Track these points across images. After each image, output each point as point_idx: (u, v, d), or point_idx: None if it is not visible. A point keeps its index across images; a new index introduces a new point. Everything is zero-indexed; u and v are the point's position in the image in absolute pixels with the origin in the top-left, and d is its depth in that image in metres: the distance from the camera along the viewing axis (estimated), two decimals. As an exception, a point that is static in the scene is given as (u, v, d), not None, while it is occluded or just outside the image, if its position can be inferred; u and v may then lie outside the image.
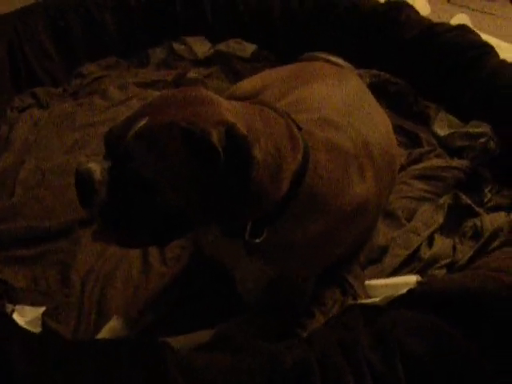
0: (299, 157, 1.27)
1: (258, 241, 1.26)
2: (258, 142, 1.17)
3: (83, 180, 1.13)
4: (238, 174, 1.12)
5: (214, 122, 1.12)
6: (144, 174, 1.10)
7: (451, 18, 2.95)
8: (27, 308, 1.46)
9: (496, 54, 2.20)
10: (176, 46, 2.68)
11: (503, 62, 2.17)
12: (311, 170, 1.29)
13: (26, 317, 1.42)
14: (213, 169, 1.11)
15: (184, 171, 1.11)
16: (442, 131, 2.12)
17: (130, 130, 1.12)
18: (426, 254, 1.61)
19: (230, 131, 1.12)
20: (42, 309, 1.47)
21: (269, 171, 1.20)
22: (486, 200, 1.83)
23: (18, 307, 1.45)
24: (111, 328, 1.38)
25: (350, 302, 1.45)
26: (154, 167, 1.10)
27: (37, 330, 1.40)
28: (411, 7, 2.52)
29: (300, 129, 1.33)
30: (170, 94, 1.22)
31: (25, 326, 1.33)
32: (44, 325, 1.43)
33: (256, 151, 1.13)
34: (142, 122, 1.12)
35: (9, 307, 1.43)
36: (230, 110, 1.19)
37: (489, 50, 2.22)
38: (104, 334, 1.37)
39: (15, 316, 1.40)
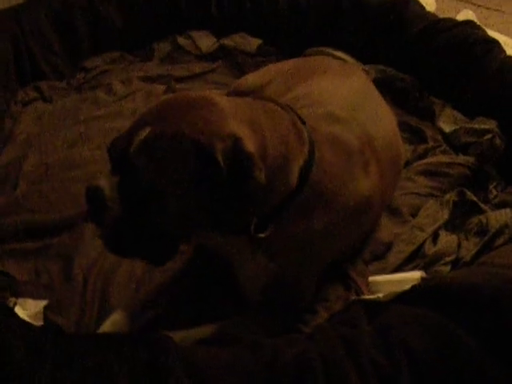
0: (305, 150, 1.26)
1: (262, 236, 1.26)
2: (265, 147, 1.17)
3: (94, 198, 1.13)
4: (239, 191, 1.12)
5: (222, 133, 1.11)
6: (151, 186, 1.10)
7: (457, 14, 2.93)
8: (29, 301, 1.46)
9: (502, 50, 2.19)
10: (181, 40, 2.66)
11: (510, 58, 2.16)
12: (316, 165, 1.29)
13: (28, 310, 1.42)
14: (215, 181, 1.10)
15: (189, 180, 1.11)
16: (447, 127, 2.10)
17: (133, 142, 1.12)
18: (430, 250, 1.60)
19: (237, 147, 1.11)
20: (44, 302, 1.46)
21: (277, 166, 1.20)
22: (491, 197, 1.82)
23: (20, 300, 1.45)
24: (113, 322, 1.37)
25: (354, 298, 1.44)
26: (160, 178, 1.10)
27: (39, 323, 1.39)
28: (417, 2, 2.51)
29: (304, 123, 1.33)
30: (169, 99, 1.21)
31: (27, 319, 1.33)
32: (46, 318, 1.43)
33: (257, 173, 1.12)
34: (145, 133, 1.11)
35: (11, 300, 1.43)
36: (234, 112, 1.18)
37: (495, 45, 2.20)
38: (105, 327, 1.36)
39: (17, 309, 1.40)
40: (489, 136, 1.96)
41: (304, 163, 1.26)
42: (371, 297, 1.34)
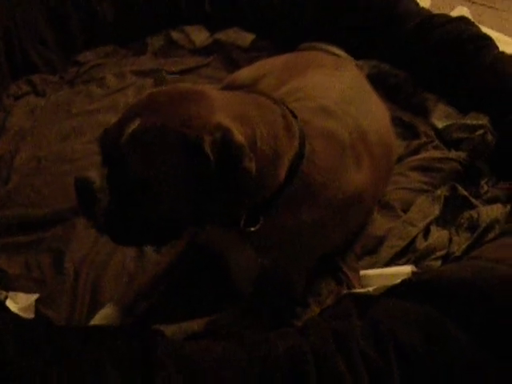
0: (296, 144, 1.27)
1: (253, 229, 1.26)
2: (255, 141, 1.17)
3: (83, 190, 1.13)
4: (229, 182, 1.12)
5: (210, 126, 1.11)
6: (140, 178, 1.10)
7: (452, 10, 2.93)
8: (20, 295, 1.45)
9: (495, 46, 2.20)
10: (174, 34, 2.65)
11: (502, 54, 2.17)
12: (307, 158, 1.29)
13: (19, 303, 1.42)
14: (205, 174, 1.10)
15: (178, 173, 1.11)
16: (440, 123, 2.11)
17: (123, 134, 1.12)
18: (421, 245, 1.61)
19: (226, 138, 1.11)
20: (36, 296, 1.46)
21: (266, 159, 1.20)
22: (482, 192, 1.83)
23: (11, 294, 1.45)
24: (104, 315, 1.37)
25: (345, 292, 1.45)
26: (148, 170, 1.10)
27: (30, 316, 1.39)
28: (411, -1, 2.51)
29: (296, 117, 1.33)
30: (159, 91, 1.21)
31: (18, 313, 1.33)
32: (37, 312, 1.42)
33: (247, 163, 1.12)
34: (134, 125, 1.12)
35: (2, 293, 1.43)
36: (224, 105, 1.17)
37: (488, 41, 2.21)
38: (97, 321, 1.37)
39: (8, 302, 1.39)
40: (481, 132, 1.97)
41: (294, 156, 1.26)
42: (362, 290, 1.34)
